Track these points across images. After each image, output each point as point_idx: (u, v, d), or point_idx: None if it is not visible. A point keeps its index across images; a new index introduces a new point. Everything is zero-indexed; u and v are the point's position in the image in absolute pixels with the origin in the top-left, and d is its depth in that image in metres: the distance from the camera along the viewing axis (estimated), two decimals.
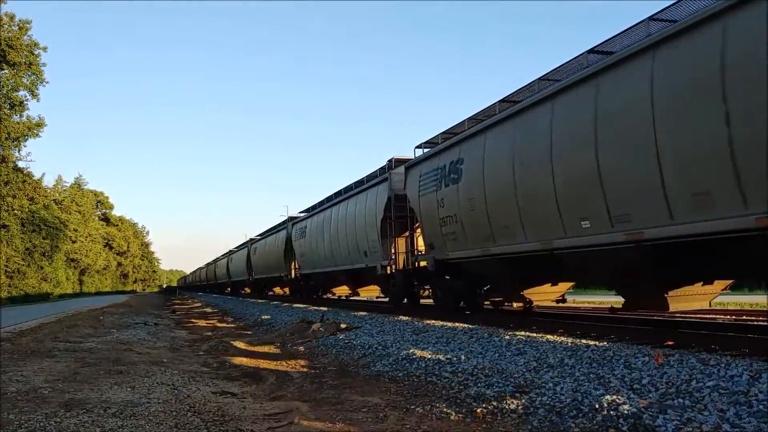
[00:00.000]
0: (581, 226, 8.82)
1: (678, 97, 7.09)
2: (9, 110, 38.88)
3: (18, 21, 38.72)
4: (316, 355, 10.28)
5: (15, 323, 16.93)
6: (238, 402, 6.33)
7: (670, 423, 4.35)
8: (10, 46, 37.65)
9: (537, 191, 9.70)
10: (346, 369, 8.61)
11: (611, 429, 4.49)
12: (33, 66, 39.49)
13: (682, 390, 5.27)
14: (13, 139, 39.06)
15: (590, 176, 8.44)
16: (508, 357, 7.81)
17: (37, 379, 7.44)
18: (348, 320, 14.35)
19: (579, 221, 8.86)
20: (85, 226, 74.05)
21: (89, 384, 7.12)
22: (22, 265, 42.31)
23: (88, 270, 75.28)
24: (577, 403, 5.17)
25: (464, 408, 5.67)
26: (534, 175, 9.75)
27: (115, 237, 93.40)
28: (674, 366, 5.95)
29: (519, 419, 5.18)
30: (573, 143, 8.94)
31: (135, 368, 8.47)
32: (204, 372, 8.58)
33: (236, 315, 24.32)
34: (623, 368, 6.29)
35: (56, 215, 53.48)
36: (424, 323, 12.08)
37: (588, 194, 8.57)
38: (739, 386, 5.05)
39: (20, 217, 42.38)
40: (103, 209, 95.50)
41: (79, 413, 5.51)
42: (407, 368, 7.84)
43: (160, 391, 6.70)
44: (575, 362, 6.91)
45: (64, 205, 67.46)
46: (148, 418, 5.35)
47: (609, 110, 8.20)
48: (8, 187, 39.48)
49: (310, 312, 18.70)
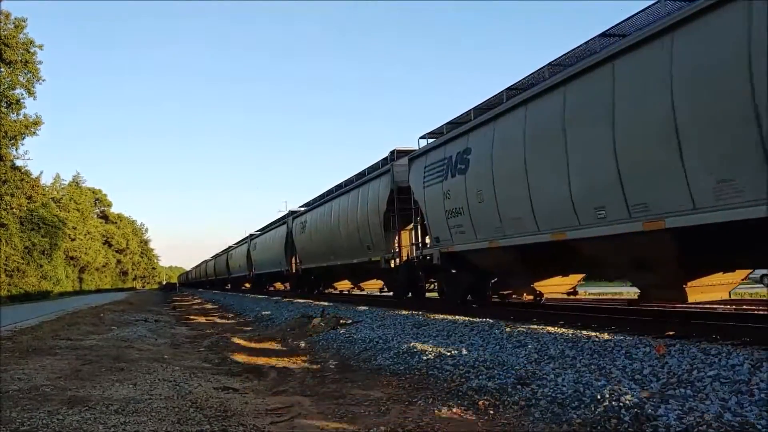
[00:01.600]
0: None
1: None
2: (6, 108, 38.77)
3: (14, 19, 38.59)
4: (317, 350, 10.29)
5: (15, 322, 16.93)
6: (239, 397, 6.33)
7: (671, 413, 4.36)
8: (5, 44, 37.50)
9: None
10: (347, 363, 8.62)
11: (613, 419, 4.50)
12: (29, 64, 39.35)
13: (684, 380, 5.29)
14: (10, 137, 38.94)
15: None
16: (509, 349, 7.82)
17: (39, 377, 7.44)
18: (348, 314, 14.35)
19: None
20: (84, 223, 73.97)
21: (91, 381, 7.12)
22: (22, 263, 42.24)
23: (87, 268, 75.26)
24: (579, 394, 5.18)
25: (466, 400, 5.68)
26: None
27: (114, 234, 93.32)
28: (675, 356, 5.96)
29: (521, 411, 5.19)
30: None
31: (136, 365, 8.48)
32: (205, 368, 8.59)
33: (236, 311, 24.33)
34: (624, 359, 6.29)
35: (55, 213, 53.41)
36: (425, 317, 12.08)
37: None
38: (740, 375, 5.06)
39: (19, 215, 42.34)
40: (101, 207, 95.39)
41: (82, 410, 5.52)
42: (408, 362, 7.85)
43: (162, 388, 6.71)
44: (576, 353, 6.91)
45: (62, 204, 67.34)
46: (150, 415, 5.36)
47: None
48: (6, 185, 39.37)
49: (311, 307, 18.69)
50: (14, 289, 40.67)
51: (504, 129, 10.74)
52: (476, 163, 11.45)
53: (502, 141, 10.71)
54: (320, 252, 23.11)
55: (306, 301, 23.03)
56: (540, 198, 9.73)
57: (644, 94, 7.54)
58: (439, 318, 11.61)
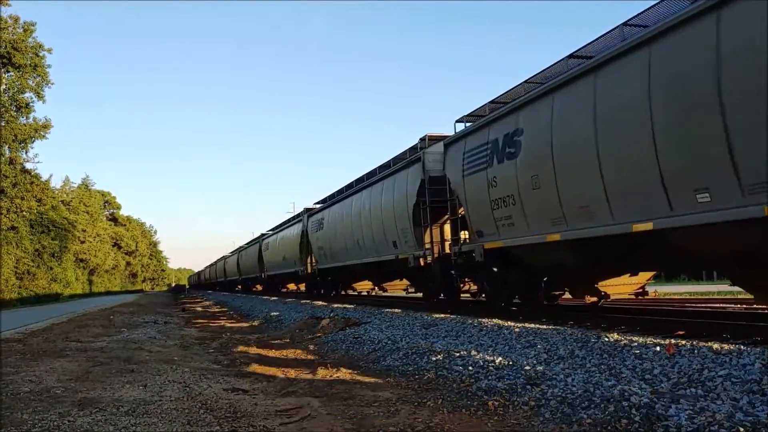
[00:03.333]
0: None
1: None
2: (15, 112, 39.07)
3: (23, 23, 38.90)
4: (326, 351, 10.31)
5: (26, 324, 17.04)
6: (249, 398, 6.35)
7: (682, 412, 4.34)
8: (15, 48, 37.79)
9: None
10: (356, 364, 8.62)
11: (623, 419, 4.48)
12: (38, 68, 39.64)
13: (694, 379, 5.26)
14: (20, 141, 39.24)
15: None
16: (518, 350, 7.80)
17: (50, 378, 7.49)
18: (357, 315, 14.36)
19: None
20: (93, 226, 74.40)
21: (101, 383, 7.16)
22: (32, 266, 42.51)
23: (97, 270, 75.67)
24: (589, 394, 5.16)
25: (476, 401, 5.67)
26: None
27: (124, 237, 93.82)
28: (686, 356, 5.93)
29: (531, 411, 5.18)
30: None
31: (146, 366, 8.51)
32: (215, 369, 8.61)
33: (246, 312, 24.39)
34: (634, 359, 6.27)
35: (64, 216, 53.66)
36: (433, 317, 12.05)
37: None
38: (751, 375, 5.03)
39: (29, 218, 42.58)
40: (110, 209, 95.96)
41: (92, 412, 5.55)
42: (417, 362, 7.84)
43: (172, 389, 6.73)
44: (586, 353, 6.89)
45: (72, 206, 67.72)
46: (160, 416, 5.38)
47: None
48: (16, 189, 39.68)
49: (319, 308, 18.71)
50: (24, 291, 40.93)
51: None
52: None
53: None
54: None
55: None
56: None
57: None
58: (447, 319, 11.59)
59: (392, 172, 17.14)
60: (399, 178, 16.45)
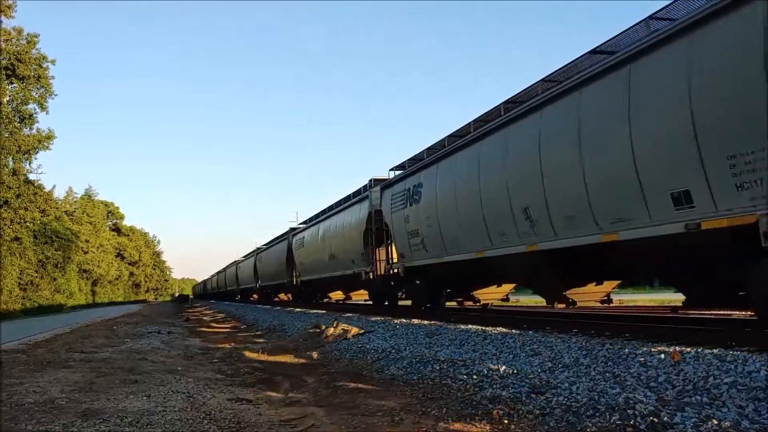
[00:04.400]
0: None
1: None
2: (19, 123, 39.19)
3: (26, 35, 39.06)
4: (330, 360, 10.29)
5: (30, 335, 17.04)
6: (253, 408, 6.34)
7: (688, 420, 4.32)
8: (18, 60, 37.97)
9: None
10: (360, 373, 8.60)
11: (629, 428, 4.47)
12: (42, 79, 39.74)
13: (700, 387, 5.24)
14: (23, 152, 39.34)
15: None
16: (522, 358, 7.78)
17: (54, 389, 7.48)
18: (360, 324, 14.35)
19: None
20: (97, 236, 74.40)
21: (105, 393, 7.15)
22: (35, 276, 42.54)
23: (100, 280, 75.65)
24: (594, 403, 5.15)
25: (480, 410, 5.65)
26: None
27: (127, 247, 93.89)
28: (690, 363, 5.90)
29: (536, 420, 5.16)
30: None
31: (150, 377, 8.50)
32: (218, 379, 8.60)
33: (248, 321, 24.39)
34: (639, 366, 6.25)
35: (68, 227, 53.73)
36: (436, 326, 12.05)
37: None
38: (757, 382, 5.01)
39: (32, 229, 42.62)
40: (113, 219, 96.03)
41: (96, 423, 5.54)
42: (421, 371, 7.83)
43: (176, 400, 6.72)
44: (590, 361, 6.87)
45: (75, 217, 67.74)
46: (164, 427, 5.37)
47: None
48: (20, 199, 39.72)
49: (322, 317, 18.72)
50: (28, 302, 40.94)
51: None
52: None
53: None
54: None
55: (316, 312, 23.28)
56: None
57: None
58: (451, 327, 11.58)
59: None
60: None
